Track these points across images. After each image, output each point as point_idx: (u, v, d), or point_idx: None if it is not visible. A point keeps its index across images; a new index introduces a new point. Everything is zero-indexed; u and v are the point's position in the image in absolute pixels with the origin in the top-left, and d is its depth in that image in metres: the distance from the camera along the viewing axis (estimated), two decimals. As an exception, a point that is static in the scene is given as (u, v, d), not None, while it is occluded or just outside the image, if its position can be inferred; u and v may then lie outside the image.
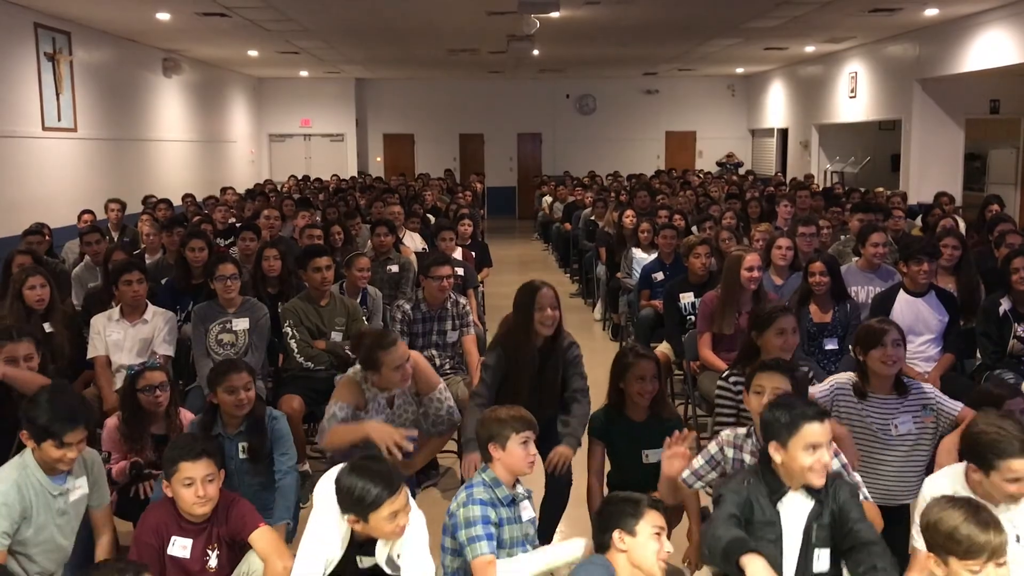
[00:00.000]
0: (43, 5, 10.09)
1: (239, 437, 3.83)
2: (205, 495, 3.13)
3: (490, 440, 3.24)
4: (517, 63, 16.69)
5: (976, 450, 2.91)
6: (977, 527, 2.52)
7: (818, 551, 2.85)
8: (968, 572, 2.53)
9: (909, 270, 5.19)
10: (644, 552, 2.82)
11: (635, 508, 2.87)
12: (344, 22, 11.98)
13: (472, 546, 3.06)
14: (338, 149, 20.47)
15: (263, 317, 5.29)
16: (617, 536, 2.84)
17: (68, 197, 10.54)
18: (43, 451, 3.20)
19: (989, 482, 2.88)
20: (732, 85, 21.28)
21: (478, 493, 3.17)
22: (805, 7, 10.87)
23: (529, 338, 4.11)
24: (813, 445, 2.81)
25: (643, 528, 2.84)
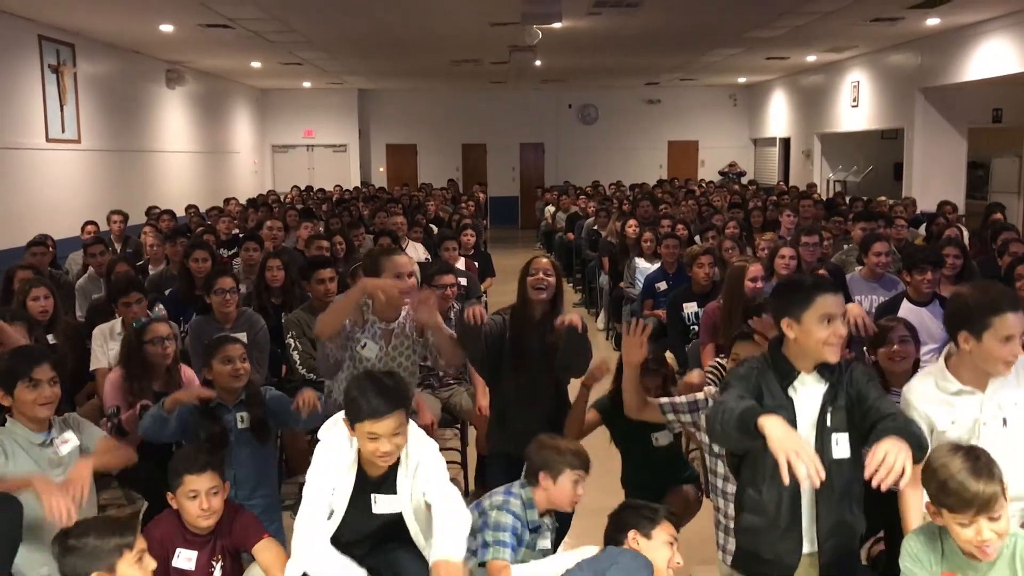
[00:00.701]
0: (47, 17, 10.13)
1: (239, 407, 3.84)
2: (210, 508, 3.14)
3: (543, 468, 3.23)
4: (519, 73, 16.71)
5: (966, 314, 2.79)
6: (970, 477, 2.42)
7: (835, 436, 2.72)
8: (958, 526, 2.46)
9: (913, 279, 5.18)
10: (656, 555, 2.89)
11: (653, 515, 2.99)
12: (347, 33, 12.01)
13: (494, 548, 3.09)
14: (341, 159, 20.51)
15: (261, 329, 5.25)
16: (632, 536, 2.93)
17: (72, 208, 10.55)
18: (19, 400, 3.25)
19: (981, 350, 2.76)
20: (734, 94, 21.31)
21: (514, 505, 3.20)
22: (807, 17, 10.89)
23: (527, 307, 4.02)
24: (828, 316, 2.68)
25: (659, 535, 2.94)
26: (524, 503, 3.22)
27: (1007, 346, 2.73)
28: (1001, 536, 2.45)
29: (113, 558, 2.62)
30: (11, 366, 3.30)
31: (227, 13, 10.13)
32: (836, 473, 2.73)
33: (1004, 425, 2.83)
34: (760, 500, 2.82)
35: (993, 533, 2.43)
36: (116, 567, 2.62)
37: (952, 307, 2.89)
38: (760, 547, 2.86)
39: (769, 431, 2.45)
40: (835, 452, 2.73)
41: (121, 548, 2.64)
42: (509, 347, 3.97)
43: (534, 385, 3.93)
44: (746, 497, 2.88)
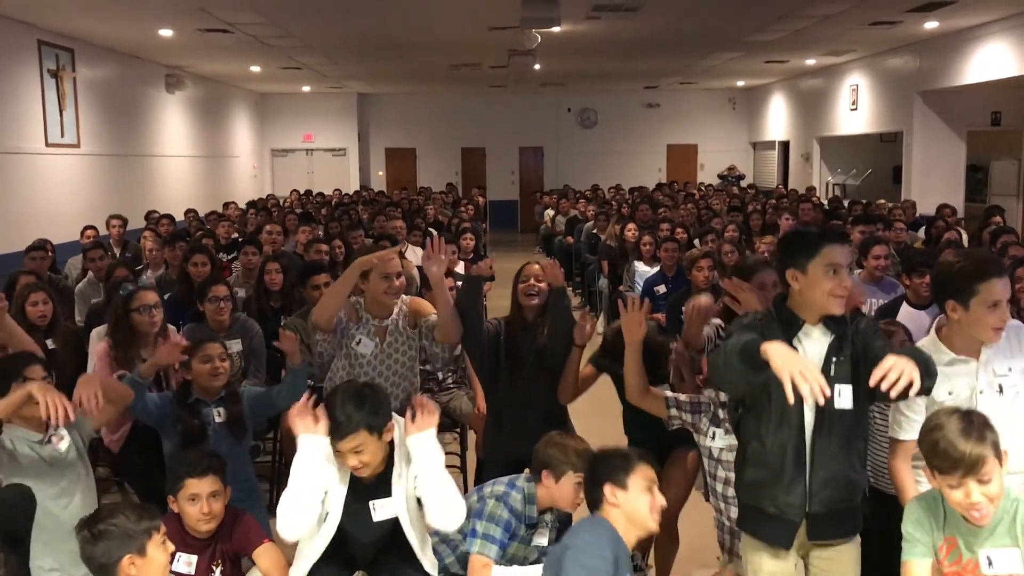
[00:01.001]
0: (47, 22, 10.14)
1: (217, 403, 3.90)
2: (210, 512, 3.15)
3: (547, 466, 3.22)
4: (519, 77, 16.73)
5: (952, 282, 2.78)
6: (960, 437, 2.38)
7: (838, 387, 2.68)
8: (948, 488, 2.44)
9: (912, 283, 5.19)
10: (637, 506, 2.77)
11: (625, 462, 2.82)
12: (346, 38, 12.02)
13: (482, 542, 3.10)
14: (340, 164, 20.52)
15: (256, 335, 5.23)
16: (608, 491, 2.78)
17: (71, 213, 10.55)
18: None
19: (969, 318, 2.75)
20: (733, 98, 21.32)
21: (515, 500, 3.19)
22: (805, 20, 10.90)
23: (520, 312, 4.03)
24: (835, 266, 2.65)
25: (634, 482, 2.78)
26: (525, 497, 3.22)
27: (995, 312, 2.72)
28: (992, 500, 2.42)
29: (144, 540, 2.64)
30: (1, 369, 3.32)
31: (226, 18, 10.14)
32: (838, 423, 2.71)
33: (1000, 392, 2.83)
34: (763, 451, 2.76)
35: (983, 496, 2.40)
36: (146, 548, 2.65)
37: (938, 276, 2.88)
38: (763, 501, 2.77)
39: (772, 354, 2.43)
40: (837, 403, 2.69)
41: (151, 530, 2.67)
42: (504, 351, 3.98)
43: (529, 389, 3.93)
44: (749, 450, 2.82)
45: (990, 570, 2.48)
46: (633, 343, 3.40)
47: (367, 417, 2.91)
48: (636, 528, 2.79)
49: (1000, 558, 2.47)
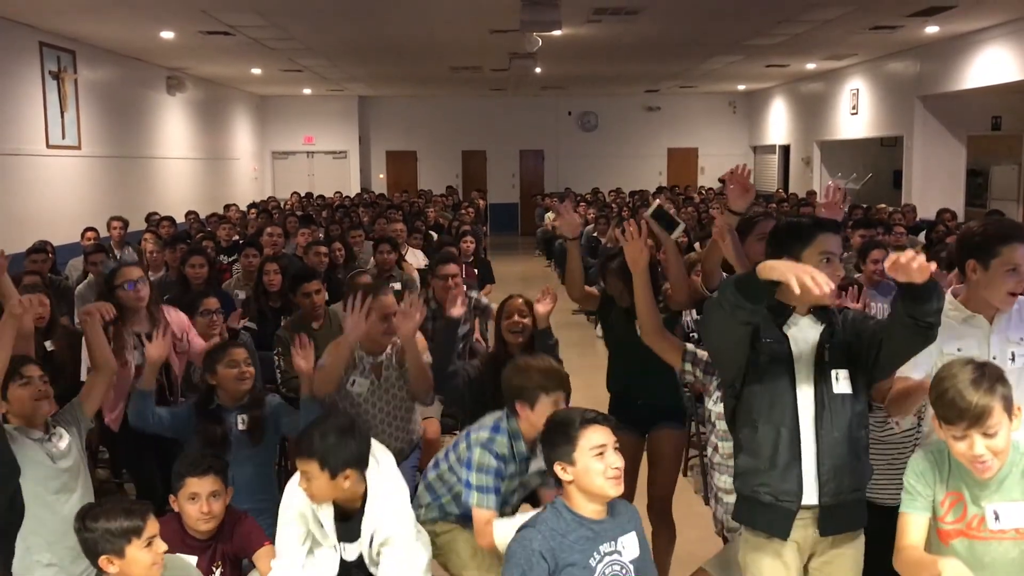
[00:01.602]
0: (48, 24, 10.15)
1: (240, 410, 3.84)
2: (210, 512, 3.15)
3: (517, 398, 3.19)
4: (519, 80, 16.75)
5: (976, 242, 2.82)
6: (969, 387, 2.34)
7: (835, 372, 2.69)
8: (953, 439, 2.40)
9: None
10: (588, 478, 2.61)
11: (566, 435, 2.64)
12: (347, 41, 12.03)
13: (479, 494, 3.13)
14: (341, 166, 20.53)
15: (246, 343, 5.19)
16: (559, 469, 2.65)
17: (72, 214, 10.56)
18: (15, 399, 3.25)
19: (986, 278, 2.79)
20: (734, 102, 21.34)
21: (499, 446, 3.19)
22: (806, 24, 10.91)
23: (505, 348, 4.04)
24: (828, 255, 2.68)
25: (580, 455, 2.61)
26: (510, 436, 3.21)
27: (1012, 276, 2.76)
28: (998, 454, 2.38)
29: (122, 543, 2.66)
30: None
31: (228, 20, 10.15)
32: (839, 410, 2.70)
33: (1012, 360, 2.84)
34: (756, 438, 2.73)
35: (986, 449, 2.36)
36: (124, 551, 2.66)
37: (962, 237, 2.90)
38: (758, 490, 2.73)
39: (773, 267, 2.43)
40: (836, 388, 2.70)
41: (130, 533, 2.67)
42: (491, 390, 3.87)
43: None
44: (741, 438, 2.78)
45: (996, 524, 2.43)
46: (639, 272, 3.35)
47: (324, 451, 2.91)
48: (595, 499, 2.66)
49: (1008, 512, 2.43)
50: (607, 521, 2.67)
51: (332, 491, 2.97)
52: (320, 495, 2.98)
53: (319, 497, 3.00)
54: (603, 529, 2.66)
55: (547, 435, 2.73)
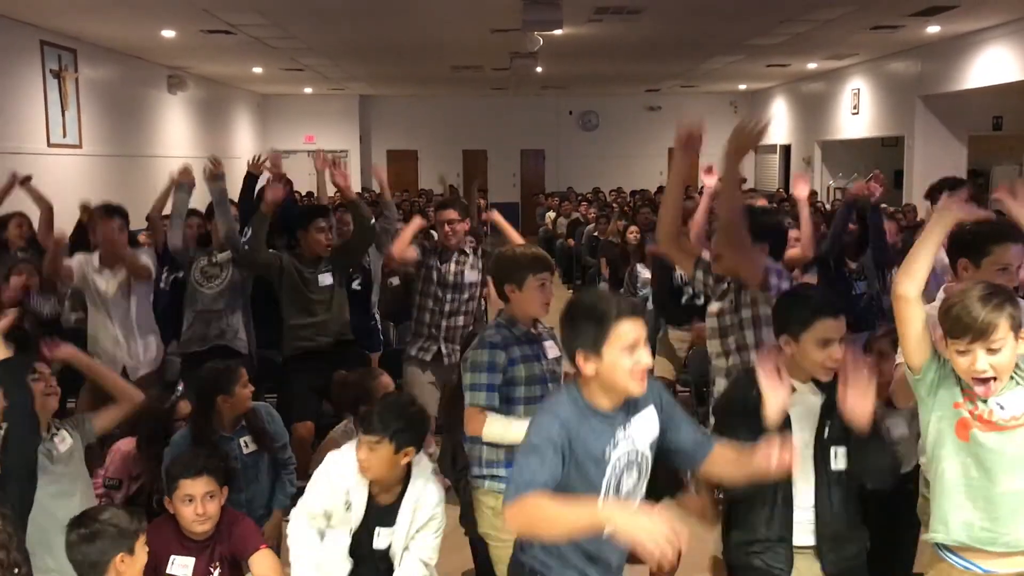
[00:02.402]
0: (49, 23, 10.15)
1: (240, 433, 3.82)
2: (205, 513, 3.12)
3: (507, 280, 3.21)
4: (520, 80, 16.73)
5: (968, 240, 2.87)
6: (977, 303, 2.34)
7: (834, 449, 2.71)
8: (956, 354, 2.40)
9: None
10: (614, 374, 2.37)
11: (598, 325, 2.36)
12: (348, 40, 12.03)
13: (471, 393, 3.11)
14: (342, 165, 20.50)
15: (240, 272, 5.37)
16: (581, 358, 2.39)
17: (72, 213, 10.54)
18: None
19: (979, 276, 2.83)
20: (735, 102, 21.31)
21: (490, 336, 3.17)
22: (807, 24, 10.90)
23: None
24: (826, 340, 2.69)
25: (610, 349, 2.35)
26: (503, 324, 3.20)
27: (1004, 276, 2.79)
28: (999, 373, 2.39)
29: (134, 539, 2.71)
30: None
31: (229, 19, 10.14)
32: (835, 485, 2.73)
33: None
34: (749, 516, 2.79)
35: (988, 365, 2.36)
36: (135, 548, 2.71)
37: (955, 235, 2.91)
38: (751, 559, 2.79)
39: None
40: (834, 464, 2.73)
41: (139, 531, 2.73)
42: None
43: None
44: (734, 512, 2.84)
45: (1002, 413, 2.44)
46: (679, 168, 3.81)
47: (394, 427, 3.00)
48: (615, 394, 2.43)
49: (1010, 401, 2.44)
50: (621, 409, 2.48)
51: (390, 467, 3.03)
52: (379, 469, 3.02)
53: (375, 470, 3.03)
54: (617, 418, 2.46)
55: (573, 320, 2.42)
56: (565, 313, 2.45)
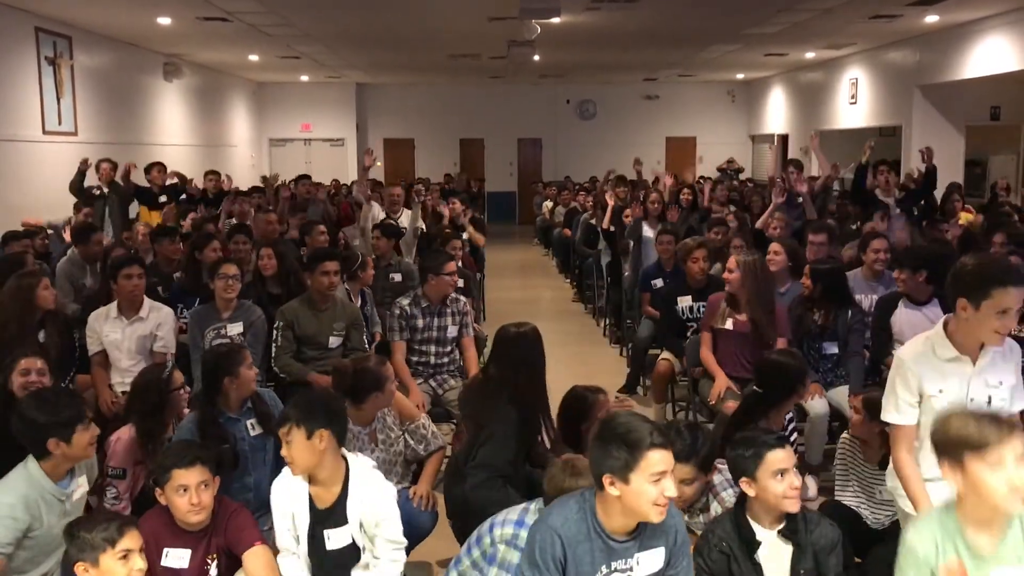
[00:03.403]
0: (44, 9, 10.10)
1: (246, 415, 3.83)
2: (200, 503, 3.06)
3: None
4: (518, 68, 16.69)
5: (968, 281, 2.83)
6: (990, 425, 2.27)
7: None
8: (987, 469, 2.23)
9: (899, 277, 5.19)
10: (638, 501, 2.47)
11: (629, 455, 2.46)
12: (345, 27, 11.99)
13: None
14: (338, 154, 20.47)
15: (257, 319, 5.28)
16: (608, 481, 2.49)
17: (68, 201, 10.51)
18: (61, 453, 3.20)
19: (976, 318, 2.80)
20: (732, 91, 21.29)
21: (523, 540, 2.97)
22: (805, 13, 10.88)
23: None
24: (781, 471, 2.84)
25: (638, 476, 2.46)
26: None
27: (1003, 319, 2.78)
28: None
29: (97, 552, 2.74)
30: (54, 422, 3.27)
31: (225, 6, 10.10)
32: None
33: (988, 403, 2.87)
34: None
35: None
36: (100, 560, 2.74)
37: (955, 274, 2.91)
38: None
39: None
40: None
41: (106, 543, 2.74)
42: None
43: None
44: None
45: None
46: None
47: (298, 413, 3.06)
48: (633, 519, 2.55)
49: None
50: (631, 539, 2.59)
51: (310, 454, 3.05)
52: (300, 459, 3.06)
53: (299, 462, 3.07)
54: (623, 548, 2.58)
55: (605, 442, 2.52)
56: (597, 434, 2.57)
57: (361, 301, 5.98)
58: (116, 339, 5.10)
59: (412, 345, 5.31)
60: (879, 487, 3.85)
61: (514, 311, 10.66)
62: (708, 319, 5.33)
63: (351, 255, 6.08)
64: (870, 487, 3.93)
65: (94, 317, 5.15)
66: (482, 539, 3.10)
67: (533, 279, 13.49)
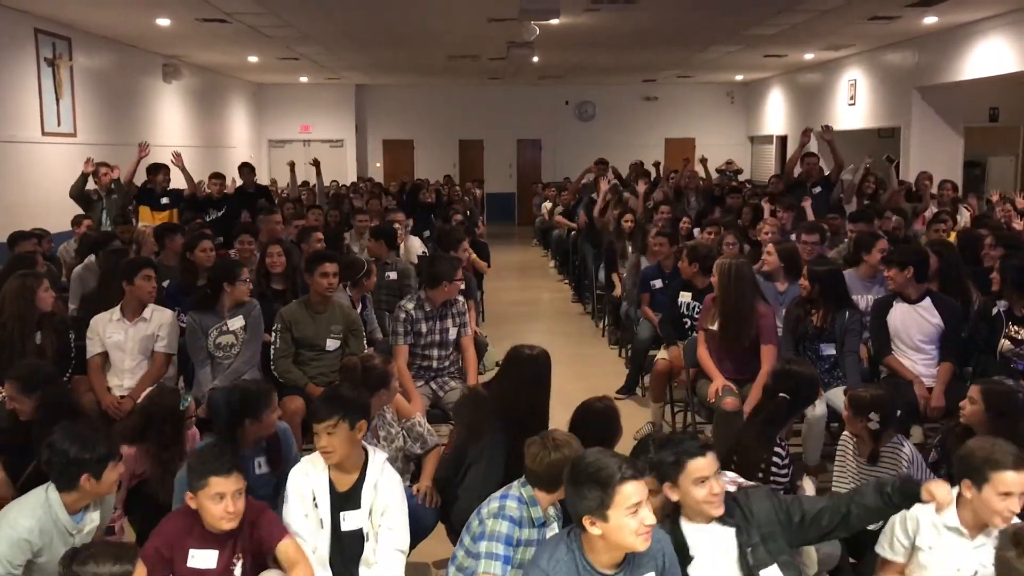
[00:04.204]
0: (44, 11, 10.10)
1: (256, 453, 3.82)
2: (235, 510, 3.07)
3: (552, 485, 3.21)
4: (517, 70, 16.70)
5: (970, 463, 2.96)
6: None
7: (763, 572, 2.86)
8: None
9: (889, 273, 5.25)
10: (620, 535, 2.54)
11: (601, 490, 2.52)
12: (344, 28, 11.99)
13: (487, 561, 3.05)
14: (338, 155, 20.47)
15: (254, 310, 5.36)
16: (588, 522, 2.56)
17: (67, 202, 10.51)
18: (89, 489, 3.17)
19: (980, 500, 2.91)
20: (731, 92, 21.30)
21: (510, 509, 3.13)
22: (804, 15, 10.89)
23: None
24: (701, 478, 2.86)
25: (615, 512, 2.52)
26: (524, 501, 3.16)
27: (1005, 501, 2.87)
28: None
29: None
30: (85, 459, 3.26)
31: (224, 8, 10.11)
32: None
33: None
34: None
35: None
36: None
37: (960, 455, 3.04)
38: None
39: None
40: None
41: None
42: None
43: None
44: None
45: None
46: None
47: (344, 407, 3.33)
48: (619, 551, 2.62)
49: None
50: (619, 570, 2.65)
51: (351, 445, 3.35)
52: (341, 448, 3.32)
53: (339, 452, 3.32)
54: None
55: (578, 485, 2.58)
56: (569, 476, 2.63)
57: (361, 306, 5.98)
58: (119, 340, 5.12)
59: (415, 350, 5.30)
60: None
61: (513, 312, 10.67)
62: (702, 320, 5.37)
63: (356, 262, 6.06)
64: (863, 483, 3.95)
65: (97, 320, 5.17)
66: (470, 526, 3.21)
67: (532, 280, 13.50)
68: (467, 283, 7.12)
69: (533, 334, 9.59)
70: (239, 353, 5.22)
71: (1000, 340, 4.95)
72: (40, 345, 4.90)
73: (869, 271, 5.90)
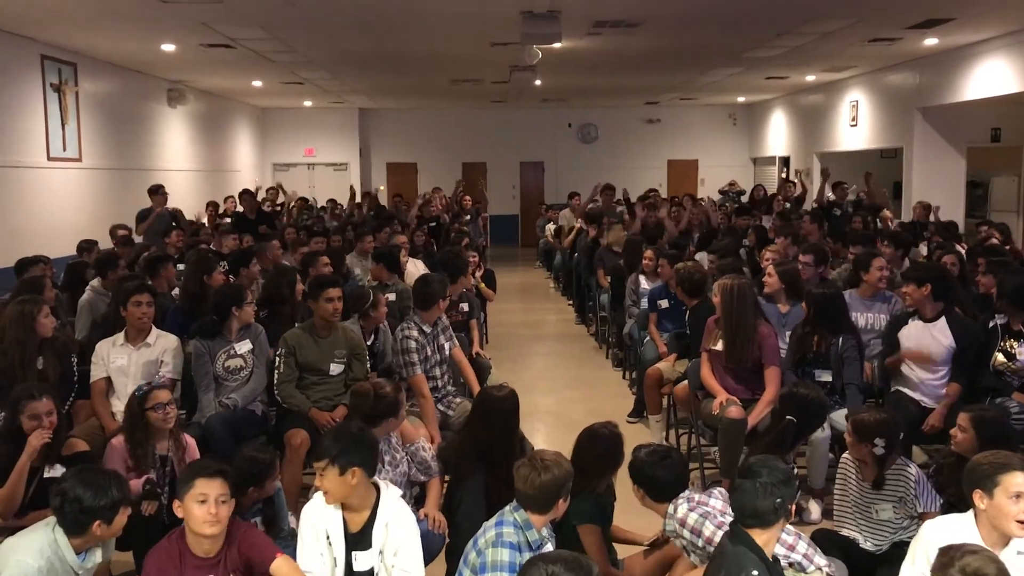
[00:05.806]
0: (50, 37, 10.18)
1: (253, 513, 3.89)
2: (217, 515, 3.09)
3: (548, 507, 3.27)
4: (519, 93, 16.78)
5: (978, 472, 2.99)
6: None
7: None
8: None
9: (906, 291, 5.28)
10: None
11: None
12: (348, 53, 12.07)
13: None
14: (342, 178, 20.54)
15: (261, 333, 5.39)
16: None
17: (72, 227, 10.56)
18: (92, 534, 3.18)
19: (993, 507, 2.92)
20: (733, 114, 21.37)
21: (508, 536, 3.15)
22: (805, 37, 10.94)
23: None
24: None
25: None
26: (520, 526, 3.18)
27: (1018, 504, 2.89)
28: None
29: None
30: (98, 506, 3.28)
31: (229, 33, 10.18)
32: None
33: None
34: None
35: None
36: None
37: (967, 471, 3.08)
38: None
39: None
40: None
41: None
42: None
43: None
44: None
45: None
46: None
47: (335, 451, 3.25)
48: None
49: None
50: None
51: (343, 488, 3.25)
52: (333, 491, 3.26)
53: (333, 493, 3.27)
54: None
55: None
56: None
57: (374, 338, 5.89)
58: (122, 365, 5.13)
59: (424, 373, 5.32)
60: (875, 507, 3.90)
61: (517, 334, 10.66)
62: (705, 341, 5.36)
63: (362, 293, 5.94)
64: (866, 508, 3.96)
65: (101, 345, 5.18)
66: (467, 558, 3.21)
67: (536, 302, 13.49)
68: (471, 305, 7.15)
69: (537, 356, 9.58)
70: (251, 375, 5.25)
71: (994, 354, 4.96)
72: (42, 370, 4.89)
73: (869, 290, 5.92)
